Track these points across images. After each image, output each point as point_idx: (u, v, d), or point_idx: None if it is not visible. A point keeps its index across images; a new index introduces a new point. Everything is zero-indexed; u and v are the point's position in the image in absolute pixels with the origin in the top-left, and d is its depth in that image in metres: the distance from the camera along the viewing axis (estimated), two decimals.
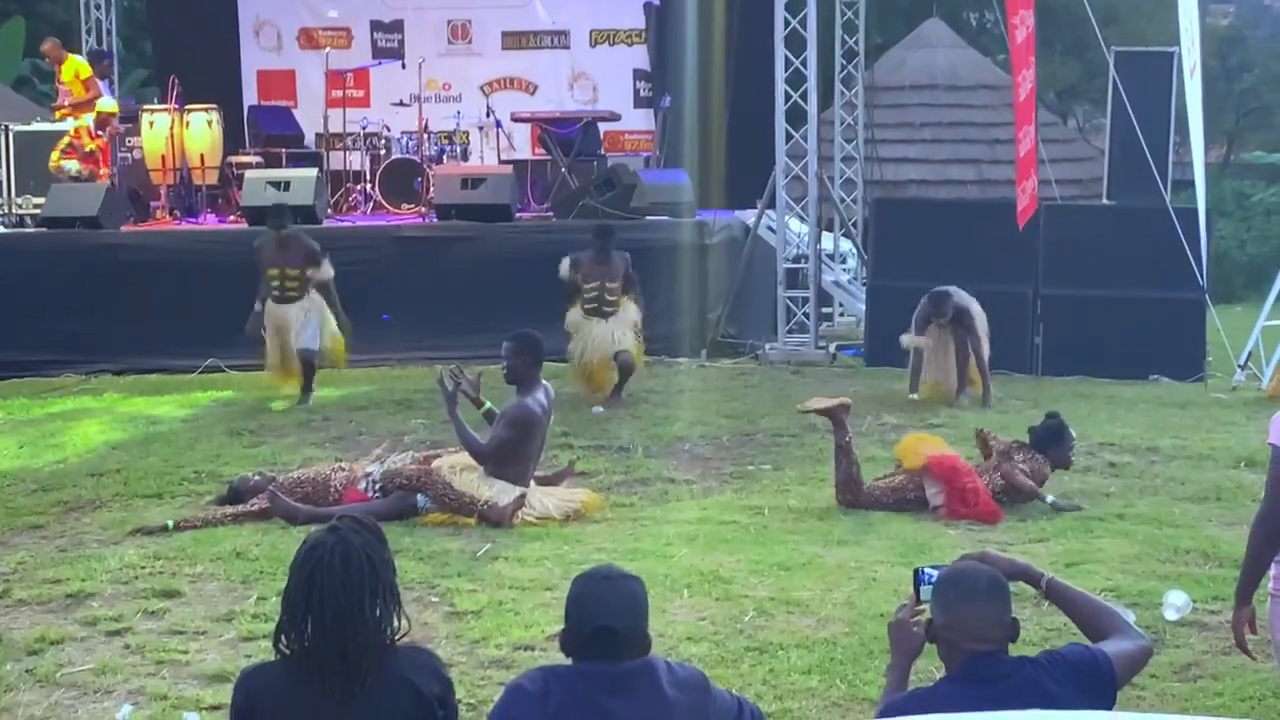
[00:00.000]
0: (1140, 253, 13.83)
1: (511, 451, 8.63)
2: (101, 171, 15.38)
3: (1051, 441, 8.98)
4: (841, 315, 17.43)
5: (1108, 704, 3.53)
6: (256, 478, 8.96)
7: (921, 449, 9.02)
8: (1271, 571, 4.35)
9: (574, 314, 12.19)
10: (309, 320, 12.04)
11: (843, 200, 17.74)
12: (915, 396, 12.24)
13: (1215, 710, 5.70)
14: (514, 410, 8.62)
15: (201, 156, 15.78)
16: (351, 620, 3.38)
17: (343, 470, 8.83)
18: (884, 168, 19.33)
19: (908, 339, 12.24)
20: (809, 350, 15.06)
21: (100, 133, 15.38)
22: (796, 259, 15.78)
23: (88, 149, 15.33)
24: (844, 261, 18.10)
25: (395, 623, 3.47)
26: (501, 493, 8.50)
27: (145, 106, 16.59)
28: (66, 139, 15.41)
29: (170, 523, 8.39)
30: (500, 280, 14.09)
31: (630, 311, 12.26)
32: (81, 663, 6.24)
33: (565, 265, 12.25)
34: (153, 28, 20.65)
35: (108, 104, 15.56)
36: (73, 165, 15.25)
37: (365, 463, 8.95)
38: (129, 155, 15.91)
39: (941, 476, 8.74)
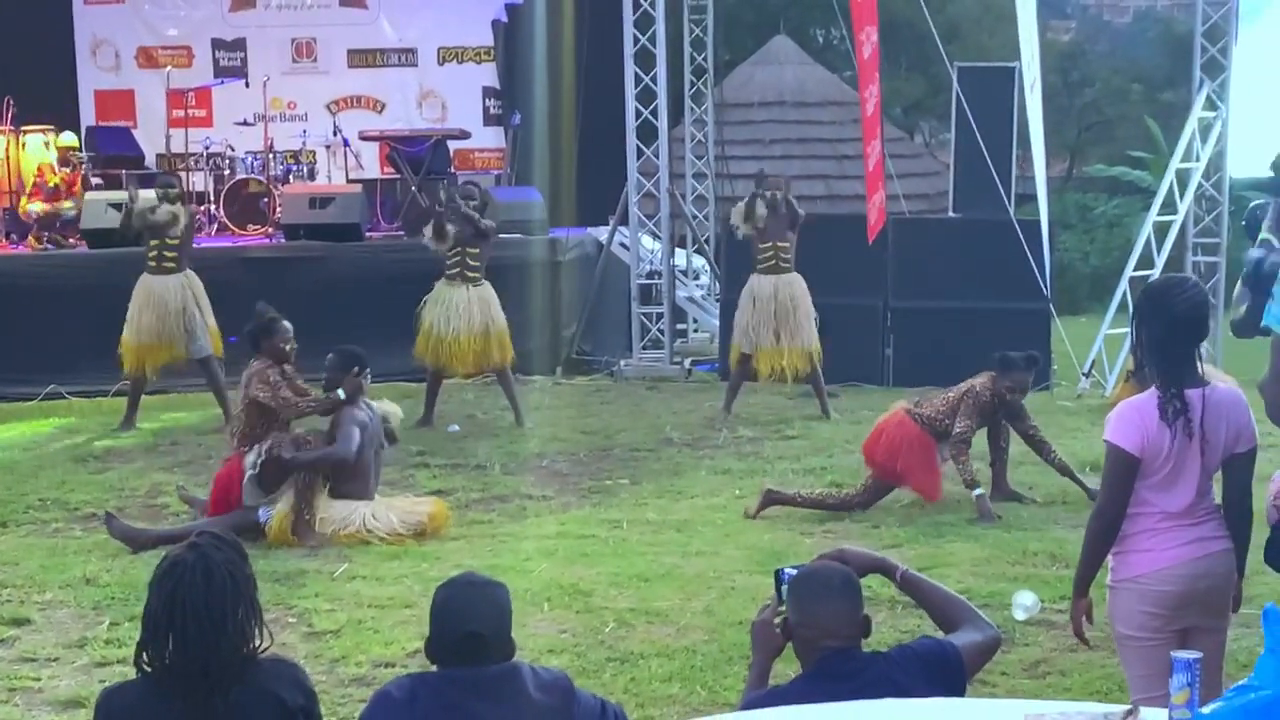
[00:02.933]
0: (986, 265, 14.09)
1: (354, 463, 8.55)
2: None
3: (1005, 367, 9.03)
4: (695, 331, 17.56)
5: (958, 693, 3.63)
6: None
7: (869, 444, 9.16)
8: (1110, 563, 4.48)
9: (438, 285, 11.79)
10: (191, 323, 11.73)
11: (695, 216, 17.88)
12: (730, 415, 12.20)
13: None
14: (342, 415, 8.52)
15: None
16: (215, 636, 3.38)
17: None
18: (735, 184, 19.52)
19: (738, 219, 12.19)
20: (664, 366, 15.17)
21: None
22: (650, 275, 15.89)
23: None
24: (697, 278, 18.22)
25: (258, 637, 3.48)
26: (341, 511, 8.43)
27: None
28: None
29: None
30: (351, 300, 13.93)
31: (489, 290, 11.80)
32: None
33: (429, 231, 11.78)
34: None
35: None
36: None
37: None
38: None
39: (868, 458, 9.03)
